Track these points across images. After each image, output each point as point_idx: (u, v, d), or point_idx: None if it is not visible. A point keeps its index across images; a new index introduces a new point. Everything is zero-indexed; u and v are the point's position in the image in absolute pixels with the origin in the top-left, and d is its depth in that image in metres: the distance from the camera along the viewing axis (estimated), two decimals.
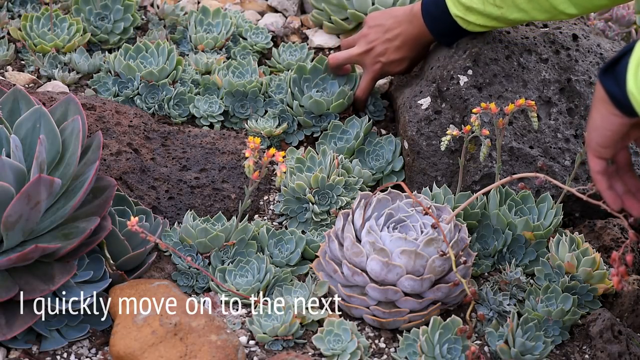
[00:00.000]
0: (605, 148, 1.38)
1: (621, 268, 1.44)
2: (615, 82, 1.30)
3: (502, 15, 1.88)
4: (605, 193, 1.43)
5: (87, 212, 1.68)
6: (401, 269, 1.67)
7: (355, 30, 2.49)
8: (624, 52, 1.29)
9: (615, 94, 1.30)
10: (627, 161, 1.43)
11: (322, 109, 2.15)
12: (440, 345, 1.62)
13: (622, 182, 1.43)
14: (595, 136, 1.38)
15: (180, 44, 2.44)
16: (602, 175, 1.41)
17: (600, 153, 1.39)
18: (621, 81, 1.28)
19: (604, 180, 1.42)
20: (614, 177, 1.42)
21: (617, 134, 1.36)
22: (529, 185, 1.92)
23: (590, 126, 1.38)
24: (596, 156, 1.40)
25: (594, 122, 1.37)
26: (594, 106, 1.37)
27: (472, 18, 1.93)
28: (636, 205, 1.42)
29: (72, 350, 1.64)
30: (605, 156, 1.40)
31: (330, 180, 1.95)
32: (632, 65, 1.25)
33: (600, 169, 1.41)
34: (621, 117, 1.33)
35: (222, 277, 1.78)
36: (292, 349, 1.67)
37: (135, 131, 2.04)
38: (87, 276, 1.67)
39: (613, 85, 1.30)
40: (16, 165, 1.60)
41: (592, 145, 1.39)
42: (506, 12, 1.87)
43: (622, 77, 1.27)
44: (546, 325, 1.71)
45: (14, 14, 2.47)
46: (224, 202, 1.97)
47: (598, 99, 1.35)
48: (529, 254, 1.87)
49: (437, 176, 2.00)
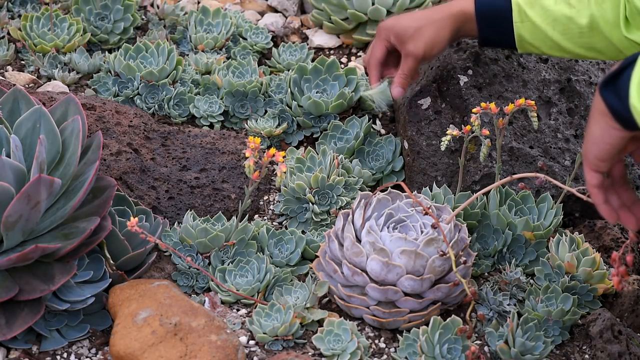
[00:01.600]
0: (603, 161, 1.36)
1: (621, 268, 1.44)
2: (617, 96, 1.27)
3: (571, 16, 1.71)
4: (601, 207, 1.41)
5: (87, 212, 1.68)
6: (401, 269, 1.67)
7: (355, 30, 2.49)
8: (626, 64, 1.26)
9: (617, 107, 1.28)
10: (622, 174, 1.42)
11: (320, 109, 2.15)
12: (440, 345, 1.62)
13: (617, 195, 1.42)
14: (593, 149, 1.36)
15: (180, 44, 2.45)
16: (599, 189, 1.40)
17: (597, 166, 1.37)
18: (623, 95, 1.26)
19: (601, 194, 1.40)
20: (610, 191, 1.41)
21: (616, 147, 1.34)
22: (529, 185, 1.92)
23: (588, 139, 1.36)
24: (593, 170, 1.38)
25: (593, 135, 1.35)
26: (592, 118, 1.34)
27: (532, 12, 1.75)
28: (632, 219, 1.41)
29: (72, 350, 1.64)
30: (603, 170, 1.38)
31: (330, 180, 1.95)
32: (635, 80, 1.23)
33: (597, 183, 1.39)
34: (621, 131, 1.31)
35: (222, 277, 1.78)
36: (292, 349, 1.67)
37: (135, 131, 2.04)
38: (87, 276, 1.67)
39: (614, 98, 1.28)
40: (16, 165, 1.60)
41: (590, 159, 1.37)
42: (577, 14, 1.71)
43: (624, 90, 1.25)
44: (546, 325, 1.71)
45: (14, 14, 2.47)
46: (224, 202, 1.97)
47: (597, 112, 1.32)
48: (529, 254, 1.87)
49: (437, 176, 2.00)
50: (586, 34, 1.71)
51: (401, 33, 1.85)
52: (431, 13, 1.86)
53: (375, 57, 1.92)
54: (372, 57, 1.93)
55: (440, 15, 1.84)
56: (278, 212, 1.99)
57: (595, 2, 1.69)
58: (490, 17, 1.78)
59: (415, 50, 1.83)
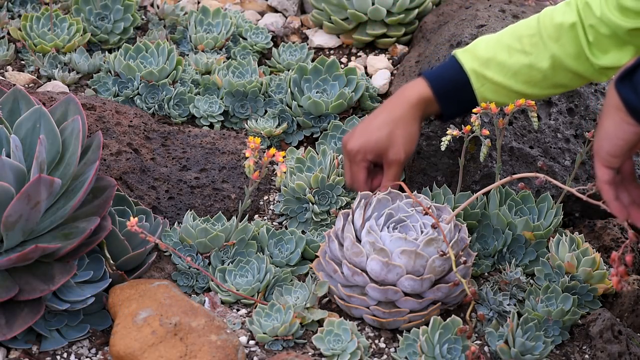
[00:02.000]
0: (616, 157, 1.36)
1: (621, 268, 1.44)
2: (633, 90, 1.27)
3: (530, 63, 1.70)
4: (612, 204, 1.41)
5: (87, 212, 1.68)
6: (401, 269, 1.67)
7: (355, 30, 2.49)
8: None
9: (633, 102, 1.28)
10: (632, 171, 1.41)
11: (320, 110, 2.15)
12: (440, 345, 1.62)
13: (627, 192, 1.41)
14: (606, 145, 1.35)
15: (180, 44, 2.45)
16: (610, 185, 1.39)
17: (609, 162, 1.37)
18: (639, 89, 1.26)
19: (612, 190, 1.40)
20: (620, 187, 1.40)
21: (630, 143, 1.33)
22: (529, 185, 1.92)
23: (600, 134, 1.36)
24: (605, 165, 1.37)
25: (606, 130, 1.34)
26: (606, 114, 1.34)
27: (490, 73, 1.73)
28: None
29: (72, 350, 1.64)
30: (614, 165, 1.37)
31: (330, 180, 1.95)
32: None
33: (609, 179, 1.38)
34: (636, 126, 1.31)
35: (222, 277, 1.78)
36: (292, 349, 1.67)
37: (135, 131, 2.04)
38: (87, 276, 1.67)
39: (630, 93, 1.28)
40: (16, 165, 1.60)
41: (602, 154, 1.36)
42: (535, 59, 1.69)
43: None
44: (546, 325, 1.71)
45: (14, 14, 2.47)
46: (224, 202, 1.97)
47: (611, 107, 1.32)
48: (529, 254, 1.87)
49: (437, 176, 2.00)
50: (550, 76, 1.70)
51: (376, 148, 1.75)
52: (391, 114, 1.78)
53: (360, 181, 1.81)
54: (357, 182, 1.82)
55: (402, 112, 1.76)
56: (278, 212, 2.00)
57: (552, 41, 1.68)
58: (450, 93, 1.76)
59: (398, 157, 1.75)
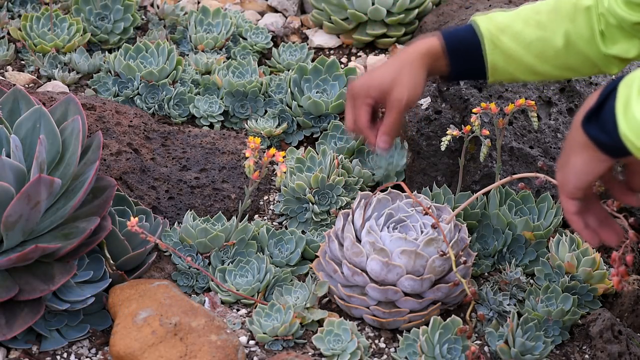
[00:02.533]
0: (583, 190, 1.38)
1: (621, 268, 1.44)
2: (601, 129, 1.29)
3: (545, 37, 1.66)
4: (583, 233, 1.43)
5: (87, 212, 1.68)
6: (401, 269, 1.67)
7: (355, 30, 2.49)
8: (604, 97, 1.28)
9: (603, 140, 1.30)
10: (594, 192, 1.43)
11: (320, 110, 2.15)
12: (440, 345, 1.62)
13: (593, 214, 1.43)
14: (573, 180, 1.37)
15: (180, 44, 2.45)
16: (578, 216, 1.42)
17: (577, 195, 1.39)
18: (608, 127, 1.27)
19: (580, 220, 1.42)
20: (586, 213, 1.42)
21: (599, 175, 1.36)
22: (529, 185, 1.92)
23: (567, 170, 1.37)
24: (572, 198, 1.40)
25: (574, 167, 1.36)
26: (572, 151, 1.35)
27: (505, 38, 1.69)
28: (612, 234, 1.42)
29: (72, 350, 1.64)
30: (581, 197, 1.40)
31: (330, 180, 1.95)
32: (620, 109, 1.25)
33: (576, 210, 1.41)
34: (608, 161, 1.33)
35: (222, 277, 1.78)
36: (292, 349, 1.67)
37: (135, 131, 2.04)
38: (87, 276, 1.67)
39: (598, 132, 1.30)
40: (16, 165, 1.60)
41: (569, 189, 1.38)
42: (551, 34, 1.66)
43: (609, 122, 1.27)
44: (546, 325, 1.71)
45: (14, 14, 2.47)
46: (224, 202, 1.97)
47: (579, 145, 1.34)
48: (529, 254, 1.87)
49: (437, 176, 2.00)
50: (562, 55, 1.70)
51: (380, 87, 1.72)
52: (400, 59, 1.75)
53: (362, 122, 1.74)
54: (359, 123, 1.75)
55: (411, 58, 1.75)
56: (278, 212, 1.99)
57: (568, 19, 1.67)
58: (460, 50, 1.74)
59: (400, 96, 1.72)
